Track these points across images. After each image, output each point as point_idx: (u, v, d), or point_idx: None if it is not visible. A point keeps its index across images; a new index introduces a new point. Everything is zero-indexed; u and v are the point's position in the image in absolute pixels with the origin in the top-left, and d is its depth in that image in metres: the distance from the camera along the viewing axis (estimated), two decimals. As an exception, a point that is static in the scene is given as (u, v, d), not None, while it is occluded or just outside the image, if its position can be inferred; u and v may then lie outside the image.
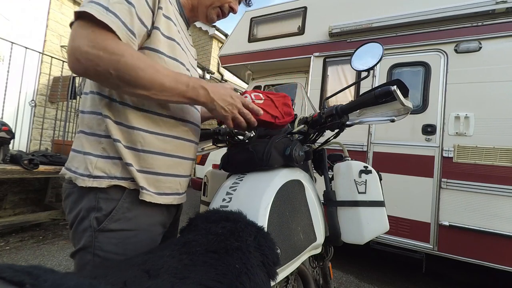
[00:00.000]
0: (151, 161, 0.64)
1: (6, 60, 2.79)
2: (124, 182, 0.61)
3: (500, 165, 2.07)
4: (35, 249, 2.52)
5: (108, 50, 0.51)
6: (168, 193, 0.69)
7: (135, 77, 0.53)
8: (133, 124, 0.62)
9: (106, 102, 0.62)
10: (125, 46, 0.53)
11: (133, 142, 0.62)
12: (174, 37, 0.67)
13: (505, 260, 1.99)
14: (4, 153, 2.40)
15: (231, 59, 3.78)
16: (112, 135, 0.61)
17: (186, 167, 0.75)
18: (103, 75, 0.53)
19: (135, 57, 0.53)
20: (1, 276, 0.23)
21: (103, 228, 0.59)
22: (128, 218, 0.61)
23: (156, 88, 0.56)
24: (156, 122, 0.66)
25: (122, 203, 0.61)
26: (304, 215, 0.73)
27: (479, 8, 2.24)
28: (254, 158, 0.74)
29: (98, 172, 0.60)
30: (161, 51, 0.64)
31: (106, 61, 0.51)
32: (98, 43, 0.51)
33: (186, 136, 0.73)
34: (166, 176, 0.68)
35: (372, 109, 0.81)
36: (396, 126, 2.47)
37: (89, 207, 0.60)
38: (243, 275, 0.45)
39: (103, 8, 0.52)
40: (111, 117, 0.61)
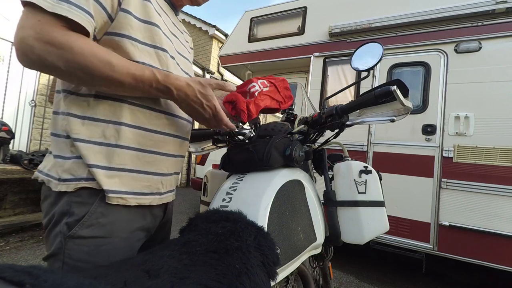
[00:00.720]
0: (126, 157, 0.58)
1: (6, 60, 2.79)
2: (92, 183, 0.55)
3: (500, 165, 2.07)
4: (35, 249, 2.52)
5: (56, 43, 0.45)
6: (147, 193, 0.63)
7: (85, 75, 0.49)
8: (105, 117, 0.57)
9: (70, 98, 0.57)
10: (75, 38, 0.47)
11: (106, 137, 0.57)
12: (152, 20, 0.60)
13: (505, 260, 1.99)
14: (4, 153, 2.40)
15: (231, 59, 3.78)
16: (79, 134, 0.55)
17: (170, 165, 0.69)
18: (52, 70, 0.49)
19: (87, 51, 0.47)
20: (1, 276, 0.23)
21: (73, 235, 0.54)
22: (101, 224, 0.56)
23: (112, 87, 0.52)
24: (133, 114, 0.59)
25: (95, 208, 0.55)
26: (304, 215, 0.73)
27: (479, 8, 2.24)
28: (254, 158, 0.74)
29: (66, 175, 0.55)
30: (133, 36, 0.56)
31: (54, 56, 0.46)
32: (45, 35, 0.45)
33: (169, 131, 0.67)
34: (143, 174, 0.62)
35: (372, 109, 0.81)
36: (396, 126, 2.47)
37: (62, 211, 0.55)
38: (243, 275, 0.45)
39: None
40: (77, 114, 0.56)
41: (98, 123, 0.56)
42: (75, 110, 0.56)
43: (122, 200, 0.58)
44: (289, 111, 1.10)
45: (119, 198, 0.57)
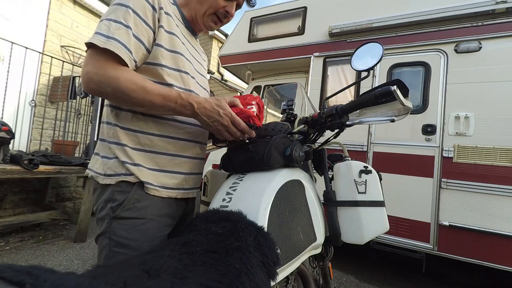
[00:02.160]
0: (158, 160, 0.74)
1: (6, 60, 2.79)
2: (129, 177, 0.70)
3: (500, 165, 2.07)
4: (35, 249, 2.52)
5: (107, 76, 0.62)
6: (174, 188, 0.76)
7: (127, 98, 0.64)
8: (141, 129, 0.72)
9: (116, 112, 0.73)
10: (121, 71, 0.63)
11: (141, 144, 0.72)
12: (178, 49, 0.75)
13: (505, 260, 1.99)
14: (4, 153, 2.39)
15: (231, 59, 3.78)
16: (121, 140, 0.71)
17: (192, 165, 0.82)
18: (105, 95, 0.65)
19: (129, 80, 0.63)
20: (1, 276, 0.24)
21: (117, 216, 0.68)
22: (137, 208, 0.70)
23: (147, 106, 0.66)
24: (161, 126, 0.74)
25: (132, 195, 0.69)
26: (304, 215, 0.73)
27: (479, 8, 2.24)
28: (254, 158, 0.74)
29: (110, 171, 0.70)
30: (163, 64, 0.72)
31: (106, 85, 0.62)
32: (100, 69, 0.62)
33: (189, 137, 0.80)
34: (172, 173, 0.76)
35: (372, 109, 0.81)
36: (396, 126, 2.47)
37: (107, 198, 0.70)
38: (243, 275, 0.45)
39: (104, 37, 0.62)
40: (119, 125, 0.72)
41: (137, 134, 0.72)
42: (119, 122, 0.72)
43: (157, 192, 0.72)
44: (289, 111, 1.10)
45: (155, 190, 0.72)
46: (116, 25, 0.64)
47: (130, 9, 0.65)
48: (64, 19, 3.78)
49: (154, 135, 0.73)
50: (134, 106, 0.67)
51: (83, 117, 3.69)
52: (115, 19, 0.65)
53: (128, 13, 0.65)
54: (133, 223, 0.69)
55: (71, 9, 3.88)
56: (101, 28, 0.64)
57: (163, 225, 0.75)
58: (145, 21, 0.68)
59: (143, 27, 0.68)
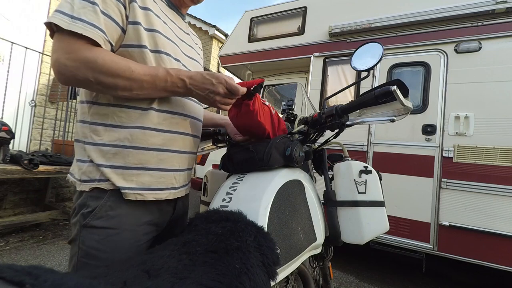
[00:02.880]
0: (140, 156, 0.65)
1: (6, 60, 2.79)
2: (103, 184, 0.62)
3: (500, 165, 2.07)
4: (35, 249, 2.52)
5: (83, 60, 0.54)
6: (162, 188, 0.69)
7: (112, 81, 0.56)
8: (120, 123, 0.64)
9: (94, 108, 0.64)
10: (98, 52, 0.55)
11: (120, 140, 0.63)
12: (155, 27, 0.66)
13: (505, 260, 1.99)
14: (4, 153, 2.39)
15: (231, 59, 3.78)
16: (98, 139, 0.63)
17: (181, 161, 0.74)
18: (84, 83, 0.57)
19: (109, 61, 0.55)
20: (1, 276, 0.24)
21: (86, 224, 0.62)
22: (110, 216, 0.62)
23: (136, 88, 0.59)
24: (143, 117, 0.65)
25: (105, 202, 0.62)
26: (304, 215, 0.73)
27: (479, 8, 2.24)
28: (254, 158, 0.74)
29: (84, 177, 0.63)
30: (144, 45, 0.63)
31: (83, 70, 0.54)
32: (73, 54, 0.54)
33: (178, 129, 0.72)
34: (158, 171, 0.68)
35: (372, 109, 0.81)
36: (396, 126, 2.46)
37: (81, 203, 0.64)
38: (243, 275, 0.45)
39: (68, 17, 0.54)
40: (96, 121, 0.64)
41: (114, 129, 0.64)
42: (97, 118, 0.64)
43: (140, 196, 0.64)
44: (289, 111, 1.10)
45: (138, 194, 0.64)
46: (80, 2, 0.55)
47: None
48: (64, 19, 3.77)
49: (134, 128, 0.64)
50: (120, 91, 0.59)
51: (83, 117, 3.68)
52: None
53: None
54: (105, 233, 0.62)
55: (71, 9, 3.88)
56: (63, 6, 0.55)
57: (141, 234, 0.67)
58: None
59: (111, 1, 0.59)
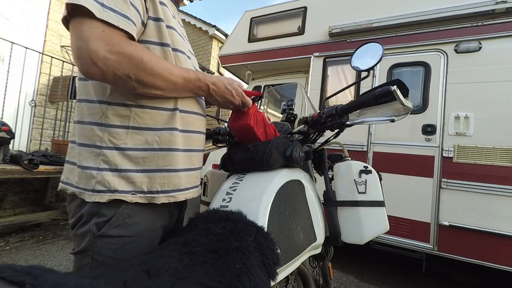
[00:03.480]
0: (171, 158, 0.63)
1: (6, 60, 2.79)
2: (125, 196, 0.58)
3: (500, 165, 2.07)
4: (35, 249, 2.52)
5: (126, 55, 0.49)
6: (189, 188, 0.69)
7: (152, 81, 0.54)
8: (144, 125, 0.60)
9: (108, 109, 0.58)
10: (141, 49, 0.53)
11: (148, 143, 0.60)
12: (171, 24, 0.64)
13: (505, 260, 1.99)
14: (4, 153, 2.39)
15: (231, 59, 3.78)
16: (120, 143, 0.58)
17: (199, 159, 0.76)
18: (122, 80, 0.52)
19: (153, 60, 0.53)
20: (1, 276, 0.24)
21: (103, 234, 0.57)
22: (128, 224, 0.59)
23: (169, 88, 0.59)
24: (169, 118, 0.63)
25: (123, 210, 0.58)
26: (304, 215, 0.73)
27: (479, 8, 2.24)
28: (254, 157, 0.74)
29: (100, 187, 0.57)
30: (167, 43, 0.61)
31: (126, 66, 0.50)
32: (115, 46, 0.48)
33: (195, 128, 0.72)
34: (186, 171, 0.67)
35: (372, 109, 0.81)
36: (396, 126, 2.46)
37: (91, 212, 0.58)
38: (243, 275, 0.45)
39: (98, 4, 0.48)
40: (115, 123, 0.58)
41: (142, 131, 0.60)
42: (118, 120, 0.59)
43: (173, 198, 0.63)
44: (289, 111, 1.10)
45: (170, 196, 0.63)
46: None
47: None
48: (64, 19, 3.77)
49: (163, 130, 0.62)
50: (153, 90, 0.56)
51: (83, 117, 3.68)
52: None
53: None
54: (122, 242, 0.58)
55: (71, 9, 3.88)
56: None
57: (156, 238, 0.65)
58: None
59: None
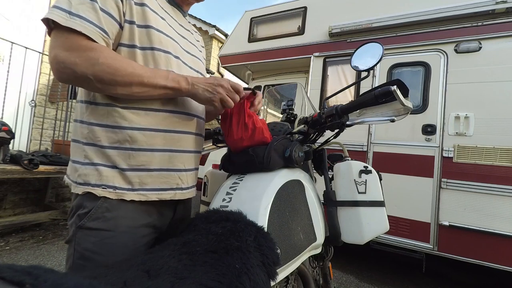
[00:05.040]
0: (141, 158, 0.63)
1: (6, 60, 2.79)
2: (95, 189, 0.60)
3: (500, 165, 2.07)
4: (35, 249, 2.52)
5: (83, 56, 0.52)
6: (166, 189, 0.67)
7: (113, 79, 0.55)
8: (118, 124, 0.62)
9: (92, 108, 0.63)
10: (98, 48, 0.54)
11: (120, 142, 0.62)
12: (149, 23, 0.64)
13: (505, 260, 1.99)
14: (4, 153, 2.39)
15: (231, 59, 3.78)
16: (98, 140, 0.62)
17: (185, 160, 0.72)
18: (83, 81, 0.55)
19: (110, 58, 0.55)
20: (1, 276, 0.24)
21: (82, 225, 0.60)
22: (107, 218, 0.61)
23: (136, 85, 0.57)
24: (142, 117, 0.64)
25: (101, 203, 0.61)
26: (304, 215, 0.73)
27: (479, 8, 2.24)
28: (254, 161, 0.74)
29: (79, 179, 0.62)
30: (135, 44, 0.62)
31: (83, 67, 0.52)
32: (73, 50, 0.52)
33: (179, 128, 0.70)
34: (161, 172, 0.66)
35: (372, 109, 0.81)
36: (396, 126, 2.46)
37: (76, 204, 0.63)
38: (243, 275, 0.45)
39: (66, 12, 0.53)
40: (95, 122, 0.62)
41: (115, 130, 0.62)
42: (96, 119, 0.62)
43: (143, 197, 0.63)
44: (289, 111, 1.10)
45: (141, 195, 0.63)
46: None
47: None
48: (64, 19, 3.77)
49: (134, 129, 0.62)
50: (119, 89, 0.57)
51: (83, 117, 3.68)
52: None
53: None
54: (101, 236, 0.60)
55: (71, 9, 3.88)
56: (61, 2, 0.54)
57: (138, 237, 0.65)
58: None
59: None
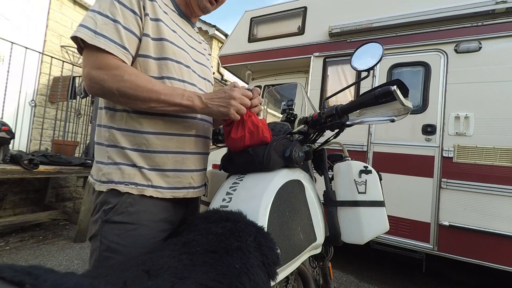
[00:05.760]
0: (157, 159, 0.70)
1: (6, 60, 2.79)
2: (119, 186, 0.67)
3: (500, 165, 2.07)
4: (35, 249, 2.52)
5: (110, 73, 0.60)
6: (180, 188, 0.74)
7: (134, 94, 0.61)
8: (135, 128, 0.69)
9: (111, 114, 0.70)
10: (123, 67, 0.61)
11: (138, 145, 0.69)
12: (164, 36, 0.70)
13: (505, 260, 1.99)
14: (4, 153, 2.39)
15: (231, 59, 3.78)
16: (119, 143, 0.69)
17: (196, 161, 0.79)
18: (109, 94, 0.63)
19: (133, 75, 0.61)
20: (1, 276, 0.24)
21: (108, 219, 0.67)
22: (130, 212, 0.67)
23: (154, 101, 0.63)
24: (156, 123, 0.70)
25: (125, 198, 0.67)
26: (304, 215, 0.73)
27: (479, 8, 2.24)
28: (254, 161, 0.74)
29: (103, 178, 0.69)
30: (149, 55, 0.69)
31: (109, 83, 0.60)
32: (101, 67, 0.60)
33: (189, 132, 0.76)
34: (175, 172, 0.73)
35: (372, 109, 0.81)
36: (396, 126, 2.46)
37: (101, 201, 0.69)
38: (243, 275, 0.45)
39: (92, 31, 0.60)
40: (115, 126, 0.69)
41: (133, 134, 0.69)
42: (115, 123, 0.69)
43: (159, 194, 0.70)
44: (289, 111, 1.10)
45: (157, 192, 0.69)
46: (102, 19, 0.61)
47: (115, 0, 0.63)
48: (64, 19, 3.78)
49: (149, 134, 0.69)
50: (138, 103, 0.64)
51: (83, 117, 3.69)
52: (99, 11, 0.62)
53: (114, 5, 0.63)
54: (125, 228, 0.67)
55: (71, 9, 3.89)
56: (87, 21, 0.61)
57: (157, 230, 0.71)
58: (131, 10, 0.66)
59: (131, 16, 0.65)
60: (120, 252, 0.66)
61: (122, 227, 0.67)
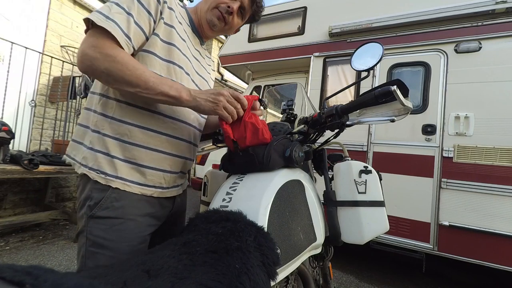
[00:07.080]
0: (135, 152, 0.70)
1: (6, 60, 2.79)
2: (91, 173, 0.68)
3: (500, 165, 2.07)
4: (35, 249, 2.52)
5: (103, 53, 0.60)
6: (149, 185, 0.73)
7: (122, 76, 0.61)
8: (122, 118, 0.70)
9: (104, 101, 0.71)
10: (119, 51, 0.62)
11: (120, 134, 0.70)
12: (173, 42, 0.74)
13: (505, 260, 1.99)
14: (4, 153, 2.39)
15: (231, 59, 3.78)
16: (103, 130, 0.69)
17: (173, 163, 0.78)
18: (97, 73, 0.63)
19: (125, 60, 0.62)
20: (1, 276, 0.24)
21: (93, 215, 0.67)
22: (115, 207, 0.67)
23: (141, 86, 0.63)
24: (144, 117, 0.71)
25: (110, 193, 0.67)
26: (304, 215, 0.73)
27: (479, 8, 2.24)
28: (254, 161, 0.74)
29: (83, 161, 0.69)
30: (155, 53, 0.71)
31: (100, 62, 0.60)
32: (97, 46, 0.61)
33: (175, 134, 0.77)
34: (149, 169, 0.73)
35: (372, 109, 0.81)
36: (396, 126, 2.46)
37: (85, 196, 0.69)
38: (243, 275, 0.45)
39: (104, 16, 0.62)
40: (104, 113, 0.70)
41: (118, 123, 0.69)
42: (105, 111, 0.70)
43: (127, 187, 0.69)
44: (289, 111, 1.10)
45: (125, 185, 0.69)
46: (117, 9, 0.64)
47: None
48: (64, 19, 3.78)
49: (134, 126, 0.70)
50: (125, 86, 0.63)
51: (83, 117, 3.68)
52: (117, 3, 0.65)
53: (133, 2, 0.67)
54: (110, 223, 0.67)
55: (71, 9, 3.88)
56: (103, 8, 0.64)
57: (144, 225, 0.72)
58: (147, 10, 0.69)
59: (145, 15, 0.68)
60: (106, 247, 0.66)
61: (108, 222, 0.67)
